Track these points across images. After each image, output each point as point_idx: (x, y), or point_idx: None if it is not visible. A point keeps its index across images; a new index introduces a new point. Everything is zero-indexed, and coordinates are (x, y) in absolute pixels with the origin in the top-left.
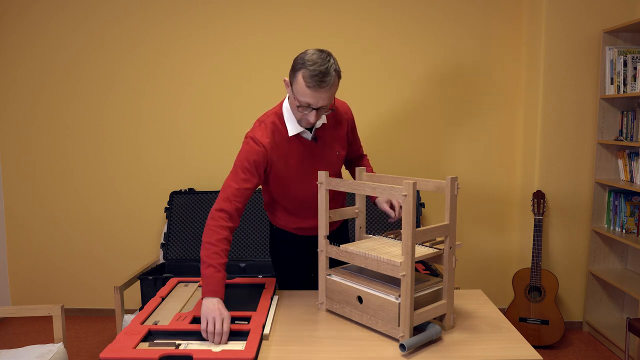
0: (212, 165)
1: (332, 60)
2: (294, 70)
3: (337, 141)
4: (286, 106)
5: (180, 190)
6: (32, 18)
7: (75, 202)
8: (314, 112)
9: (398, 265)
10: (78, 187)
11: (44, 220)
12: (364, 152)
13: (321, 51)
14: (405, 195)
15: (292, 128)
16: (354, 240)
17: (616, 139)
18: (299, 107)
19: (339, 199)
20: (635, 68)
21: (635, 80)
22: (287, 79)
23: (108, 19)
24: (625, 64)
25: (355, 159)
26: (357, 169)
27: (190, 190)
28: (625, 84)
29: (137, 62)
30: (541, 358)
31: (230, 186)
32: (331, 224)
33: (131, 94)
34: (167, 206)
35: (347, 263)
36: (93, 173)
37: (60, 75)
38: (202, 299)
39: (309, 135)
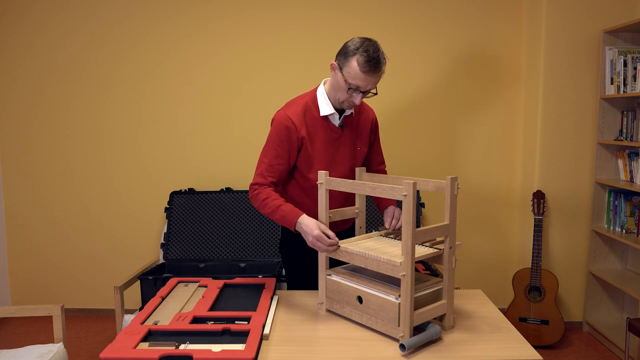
0: (212, 165)
1: (381, 49)
2: (345, 55)
3: (360, 135)
4: (321, 91)
5: (180, 190)
6: (32, 18)
7: (75, 202)
8: (360, 94)
9: (398, 265)
10: (78, 187)
11: (44, 220)
12: (384, 166)
13: (370, 40)
14: (405, 195)
15: (325, 109)
16: None
17: (616, 139)
18: (349, 90)
19: (351, 199)
20: (635, 68)
21: (635, 80)
22: (334, 62)
23: (108, 19)
24: (625, 64)
25: (375, 164)
26: (357, 169)
27: (190, 190)
28: (625, 84)
29: (137, 62)
30: (541, 358)
31: (262, 162)
32: (341, 224)
33: (131, 94)
34: (167, 206)
35: (347, 263)
36: (93, 173)
37: (60, 75)
38: (294, 224)
39: (337, 122)
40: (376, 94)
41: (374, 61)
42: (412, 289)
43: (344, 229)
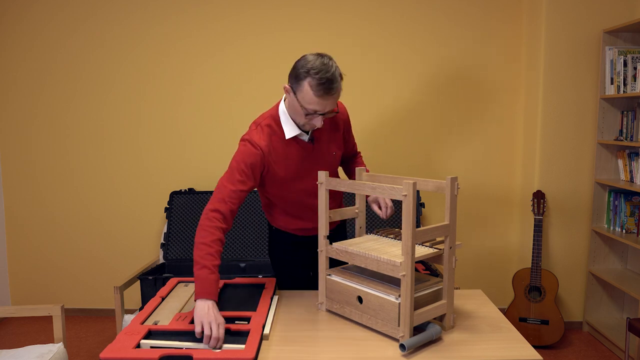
0: (212, 165)
1: (334, 65)
2: (297, 79)
3: (333, 142)
4: (282, 109)
5: (180, 190)
6: (32, 18)
7: (75, 202)
8: (320, 117)
9: (398, 265)
10: (78, 187)
11: (44, 220)
12: (358, 150)
13: (322, 55)
14: (405, 195)
15: (289, 130)
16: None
17: (616, 139)
18: (307, 115)
19: (338, 199)
20: (635, 68)
21: (635, 80)
22: (287, 85)
23: (108, 19)
24: (625, 64)
25: (349, 157)
26: (357, 169)
27: (190, 190)
28: (625, 84)
29: (137, 62)
30: (541, 358)
31: (225, 187)
32: (330, 223)
33: (131, 94)
34: (167, 206)
35: (346, 263)
36: (93, 173)
37: (60, 75)
38: (195, 300)
39: (306, 137)
40: (337, 112)
41: (327, 83)
42: (412, 289)
43: (333, 227)
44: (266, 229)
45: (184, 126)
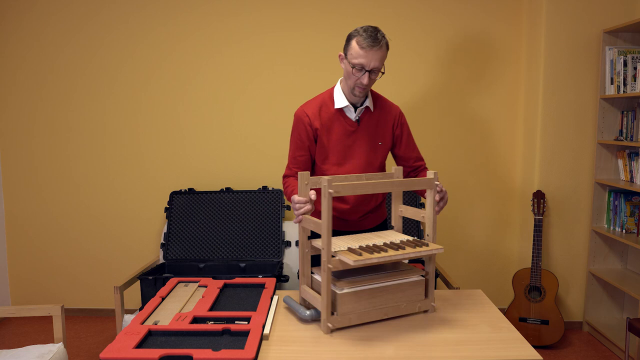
0: (212, 165)
1: (381, 31)
2: (347, 41)
3: (380, 131)
4: (337, 86)
5: (180, 190)
6: (33, 18)
7: (75, 202)
8: (366, 74)
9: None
10: (78, 187)
11: (44, 220)
12: (424, 163)
13: (369, 25)
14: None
15: (340, 101)
16: None
17: (616, 139)
18: (353, 70)
19: (380, 195)
20: (635, 68)
21: (635, 80)
22: (341, 53)
23: (109, 20)
24: (625, 64)
25: (412, 169)
26: (393, 167)
27: (190, 190)
28: (625, 84)
29: (137, 62)
30: (541, 358)
31: (289, 155)
32: (370, 222)
33: (131, 94)
34: (167, 206)
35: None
36: (93, 173)
37: (61, 76)
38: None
39: (352, 115)
40: (384, 72)
41: (371, 37)
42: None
43: (375, 225)
44: (266, 229)
45: (184, 126)
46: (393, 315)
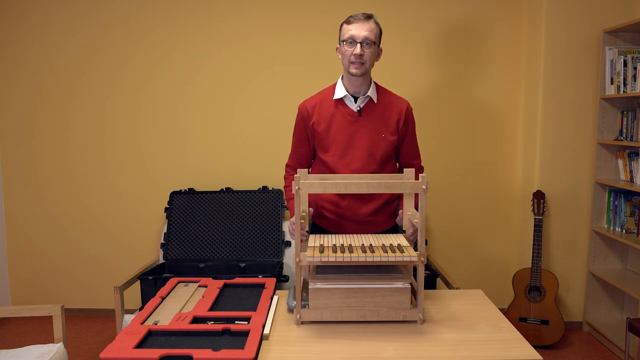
0: (212, 165)
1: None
2: (340, 30)
3: (384, 123)
4: (339, 80)
5: (180, 190)
6: (33, 18)
7: (75, 202)
8: (358, 45)
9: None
10: (78, 187)
11: (44, 220)
12: (421, 165)
13: None
14: (424, 188)
15: (339, 92)
16: None
17: (616, 139)
18: (345, 45)
19: (380, 199)
20: (635, 68)
21: (635, 80)
22: (337, 45)
23: (109, 20)
24: (625, 64)
25: (407, 163)
26: (405, 170)
27: (190, 190)
28: (625, 84)
29: (138, 62)
30: (541, 358)
31: (291, 146)
32: (380, 224)
33: (131, 94)
34: (167, 206)
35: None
36: (93, 173)
37: (61, 75)
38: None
39: (353, 105)
40: (381, 50)
41: (356, 14)
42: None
43: (387, 228)
44: (266, 229)
45: (185, 126)
46: (372, 319)
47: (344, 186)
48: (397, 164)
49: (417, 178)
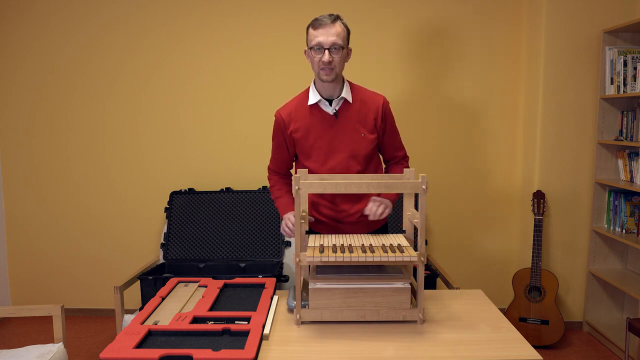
0: (212, 165)
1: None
2: (306, 34)
3: (362, 123)
4: (312, 84)
5: (180, 190)
6: (33, 18)
7: (75, 202)
8: (326, 51)
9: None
10: (78, 187)
11: (44, 220)
12: (406, 155)
13: None
14: (424, 188)
15: (312, 98)
16: None
17: (616, 139)
18: (313, 52)
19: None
20: (635, 68)
21: (635, 80)
22: (306, 49)
23: (109, 20)
24: (625, 64)
25: (394, 161)
26: (405, 170)
27: (190, 190)
28: (625, 84)
29: (138, 62)
30: (541, 358)
31: (271, 151)
32: (372, 224)
33: (131, 94)
34: (167, 206)
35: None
36: (93, 173)
37: (61, 76)
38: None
39: (328, 109)
40: (349, 49)
41: (322, 17)
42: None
43: (377, 228)
44: (266, 229)
45: (185, 126)
46: (371, 319)
47: (344, 186)
48: (381, 157)
49: (402, 171)
